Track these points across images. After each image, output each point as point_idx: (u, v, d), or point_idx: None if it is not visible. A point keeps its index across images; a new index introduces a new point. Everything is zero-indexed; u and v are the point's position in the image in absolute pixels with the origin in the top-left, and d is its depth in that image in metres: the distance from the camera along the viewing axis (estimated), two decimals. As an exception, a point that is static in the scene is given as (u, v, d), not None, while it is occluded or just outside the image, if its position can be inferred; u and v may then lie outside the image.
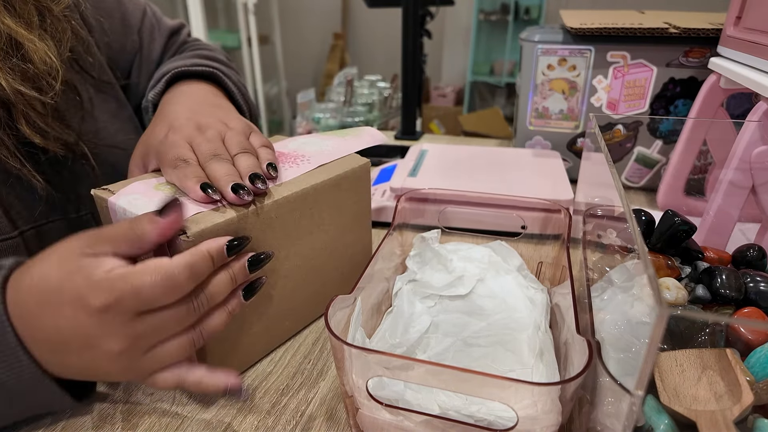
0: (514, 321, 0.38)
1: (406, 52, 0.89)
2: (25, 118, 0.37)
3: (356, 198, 0.41)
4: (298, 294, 0.39)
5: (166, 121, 0.39)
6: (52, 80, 0.38)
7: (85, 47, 0.46)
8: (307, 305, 0.41)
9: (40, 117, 0.38)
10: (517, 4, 3.08)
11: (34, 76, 0.37)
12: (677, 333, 0.28)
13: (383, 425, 0.29)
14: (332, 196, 0.39)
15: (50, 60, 0.38)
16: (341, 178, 0.39)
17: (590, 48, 0.64)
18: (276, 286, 0.36)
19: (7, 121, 0.36)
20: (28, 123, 0.37)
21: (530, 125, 0.72)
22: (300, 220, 0.36)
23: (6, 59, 0.36)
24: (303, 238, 0.37)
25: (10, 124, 0.37)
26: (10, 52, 0.36)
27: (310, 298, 0.41)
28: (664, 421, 0.23)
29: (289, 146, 0.42)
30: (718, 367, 0.25)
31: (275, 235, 0.35)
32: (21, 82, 0.36)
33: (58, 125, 0.40)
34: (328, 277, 0.42)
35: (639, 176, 0.68)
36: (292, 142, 0.43)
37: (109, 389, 0.35)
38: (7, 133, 0.37)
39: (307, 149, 0.41)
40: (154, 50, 0.56)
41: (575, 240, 0.39)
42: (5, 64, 0.35)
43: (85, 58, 0.46)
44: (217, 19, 3.04)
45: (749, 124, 0.41)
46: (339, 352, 0.27)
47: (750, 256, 0.36)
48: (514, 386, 0.23)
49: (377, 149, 0.86)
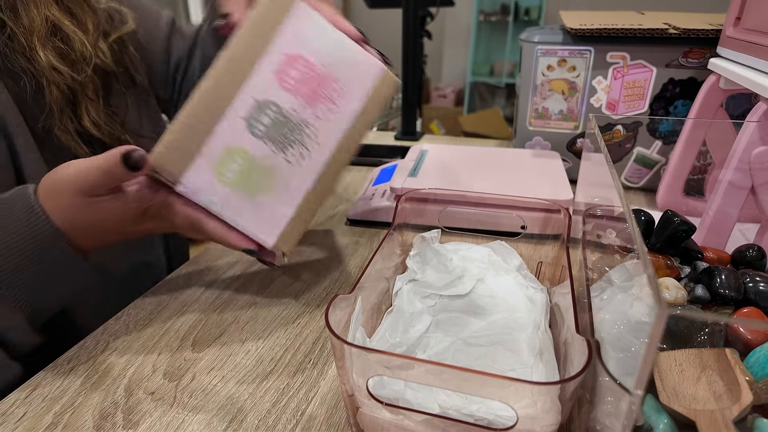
0: (514, 321, 0.38)
1: (406, 52, 0.89)
2: (86, 109, 0.46)
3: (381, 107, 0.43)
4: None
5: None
6: (86, 65, 0.45)
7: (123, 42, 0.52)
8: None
9: (93, 104, 0.47)
10: (517, 4, 3.08)
11: (70, 58, 0.44)
12: (677, 333, 0.28)
13: (383, 424, 0.29)
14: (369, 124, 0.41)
15: (86, 47, 0.45)
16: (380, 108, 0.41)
17: (590, 49, 0.64)
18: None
19: (72, 110, 0.45)
20: (88, 113, 0.46)
21: (530, 126, 0.72)
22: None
23: (48, 40, 0.43)
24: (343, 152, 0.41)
25: (73, 113, 0.45)
26: (52, 35, 0.43)
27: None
28: (663, 420, 0.23)
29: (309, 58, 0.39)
30: (718, 366, 0.25)
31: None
32: (58, 59, 0.43)
33: (106, 114, 0.48)
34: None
35: (638, 176, 0.68)
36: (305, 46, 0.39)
37: (110, 389, 0.36)
38: (71, 119, 0.45)
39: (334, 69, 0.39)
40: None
41: (575, 240, 0.39)
42: (48, 43, 0.43)
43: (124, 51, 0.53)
44: (217, 20, 3.04)
45: (749, 124, 0.41)
46: (339, 351, 0.27)
47: (749, 256, 0.36)
48: (514, 385, 0.23)
49: (377, 149, 0.86)
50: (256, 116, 0.37)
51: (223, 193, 0.36)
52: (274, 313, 0.44)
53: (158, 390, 0.35)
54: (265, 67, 0.37)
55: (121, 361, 0.38)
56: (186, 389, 0.35)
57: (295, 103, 0.38)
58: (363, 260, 0.52)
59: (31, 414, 0.33)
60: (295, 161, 0.38)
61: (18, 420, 0.33)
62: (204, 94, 0.35)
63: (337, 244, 0.56)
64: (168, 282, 0.49)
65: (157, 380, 0.36)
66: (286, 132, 0.38)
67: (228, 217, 0.37)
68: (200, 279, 0.49)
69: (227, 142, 0.36)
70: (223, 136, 0.36)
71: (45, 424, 0.33)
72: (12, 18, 0.41)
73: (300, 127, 0.38)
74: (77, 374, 0.37)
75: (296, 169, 0.39)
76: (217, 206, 0.36)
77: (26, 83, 0.42)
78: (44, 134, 0.44)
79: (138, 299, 0.46)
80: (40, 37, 0.42)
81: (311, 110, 0.38)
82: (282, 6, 0.37)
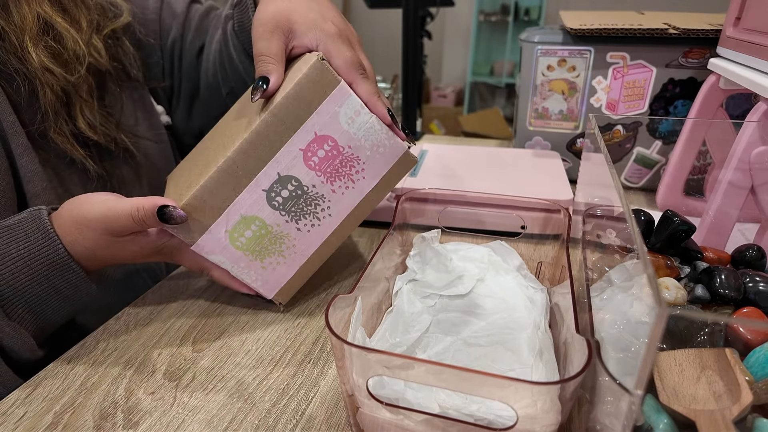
0: (514, 320, 0.38)
1: (406, 52, 0.89)
2: (81, 110, 0.45)
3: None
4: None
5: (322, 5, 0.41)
6: (79, 65, 0.44)
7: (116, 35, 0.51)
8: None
9: (87, 105, 0.46)
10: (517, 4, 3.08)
11: (63, 58, 0.44)
12: (676, 333, 0.28)
13: (383, 424, 0.29)
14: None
15: (79, 46, 0.44)
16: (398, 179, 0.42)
17: (590, 49, 0.64)
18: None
19: (66, 112, 0.44)
20: (83, 114, 0.45)
21: (530, 126, 0.72)
22: None
23: (40, 39, 0.42)
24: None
25: (68, 115, 0.45)
26: (44, 34, 0.42)
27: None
28: (663, 420, 0.23)
29: (340, 141, 0.38)
30: (718, 366, 0.25)
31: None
32: (51, 60, 0.42)
33: (101, 115, 0.48)
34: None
35: (638, 176, 0.68)
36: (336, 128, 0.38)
37: (110, 389, 0.36)
38: (66, 121, 0.44)
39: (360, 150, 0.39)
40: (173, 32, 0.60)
41: (575, 240, 0.39)
42: (39, 42, 0.42)
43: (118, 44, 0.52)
44: (217, 20, 3.04)
45: (748, 124, 0.41)
46: (339, 351, 0.27)
47: (749, 256, 0.36)
48: (514, 385, 0.23)
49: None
50: (277, 190, 0.38)
51: (234, 255, 0.39)
52: (274, 313, 0.44)
53: (158, 390, 0.35)
54: (294, 143, 0.37)
55: (121, 361, 0.38)
56: (186, 389, 0.35)
57: (316, 180, 0.39)
58: (363, 260, 0.52)
59: (31, 414, 0.33)
60: (306, 230, 0.40)
61: (18, 420, 0.33)
62: (229, 164, 0.36)
63: (337, 244, 0.56)
64: (168, 282, 0.49)
65: (157, 380, 0.36)
66: (302, 205, 0.39)
67: (235, 273, 0.40)
68: (200, 279, 0.49)
69: (245, 211, 0.38)
70: (243, 205, 0.37)
71: (45, 424, 0.33)
72: (3, 16, 0.40)
73: (316, 200, 0.39)
74: (77, 374, 0.37)
75: (305, 236, 0.41)
76: (226, 265, 0.39)
77: (20, 86, 0.41)
78: (40, 137, 0.43)
79: (138, 299, 0.46)
80: (32, 36, 0.41)
81: (329, 187, 0.39)
82: (324, 87, 0.36)
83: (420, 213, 0.46)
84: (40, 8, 0.42)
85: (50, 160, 0.45)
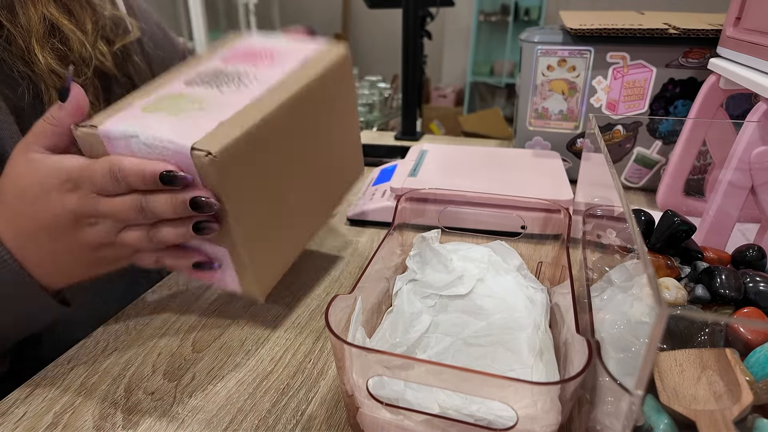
0: (514, 321, 0.38)
1: (406, 52, 0.89)
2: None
3: (343, 88, 0.41)
4: (314, 193, 0.41)
5: None
6: (85, 67, 0.44)
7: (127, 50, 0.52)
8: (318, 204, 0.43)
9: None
10: (517, 4, 3.08)
11: (69, 60, 0.43)
12: (677, 333, 0.28)
13: (383, 424, 0.29)
14: (324, 91, 0.38)
15: (85, 48, 0.44)
16: (329, 71, 0.38)
17: (590, 49, 0.64)
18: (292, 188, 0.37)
19: None
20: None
21: (530, 126, 0.72)
22: (302, 123, 0.36)
23: (47, 41, 0.41)
24: (307, 138, 0.38)
25: None
26: (50, 36, 0.42)
27: (324, 194, 0.43)
28: (663, 420, 0.23)
29: (254, 43, 0.41)
30: (718, 366, 0.25)
31: (282, 139, 0.35)
32: (57, 62, 0.42)
33: None
34: (333, 171, 0.43)
35: (638, 176, 0.68)
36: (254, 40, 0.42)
37: (110, 389, 0.36)
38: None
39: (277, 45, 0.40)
40: None
41: (575, 240, 0.39)
42: (46, 45, 0.41)
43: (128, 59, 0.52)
44: (218, 20, 3.05)
45: (749, 124, 0.41)
46: (339, 351, 0.27)
47: (749, 256, 0.36)
48: (514, 386, 0.23)
49: (378, 150, 0.86)
50: (194, 78, 0.36)
51: (144, 118, 0.32)
52: (274, 313, 0.44)
53: (158, 390, 0.35)
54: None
55: (121, 361, 0.38)
56: (186, 389, 0.35)
57: (232, 62, 0.38)
58: (363, 260, 0.52)
59: (31, 414, 0.33)
60: (230, 92, 0.35)
61: (18, 420, 0.33)
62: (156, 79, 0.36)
63: (337, 244, 0.56)
64: (168, 282, 0.49)
65: (157, 380, 0.36)
66: (222, 78, 0.36)
67: (145, 138, 0.30)
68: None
69: (159, 94, 0.34)
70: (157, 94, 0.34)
71: (45, 424, 0.33)
72: (9, 18, 0.40)
73: (237, 74, 0.37)
74: (77, 374, 0.37)
75: (230, 96, 0.34)
76: (137, 132, 0.30)
77: (24, 90, 0.41)
78: None
79: (138, 299, 0.46)
80: (39, 38, 0.41)
81: (250, 65, 0.38)
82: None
83: (420, 213, 0.46)
84: (46, 10, 0.42)
85: None
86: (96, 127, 0.31)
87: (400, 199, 0.44)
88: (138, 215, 0.32)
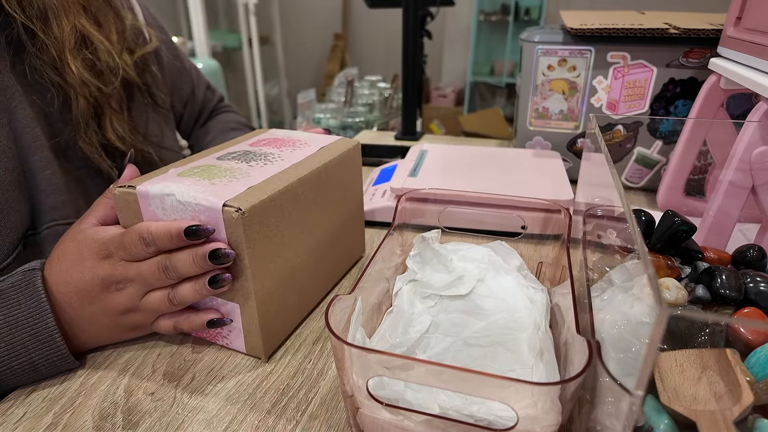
0: (514, 321, 0.38)
1: (406, 52, 0.89)
2: (110, 121, 0.46)
3: (352, 175, 0.47)
4: (320, 264, 0.43)
5: None
6: (113, 77, 0.46)
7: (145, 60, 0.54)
8: (328, 274, 0.46)
9: (117, 116, 0.47)
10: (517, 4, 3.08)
11: (97, 69, 0.45)
12: (677, 333, 0.28)
13: (383, 425, 0.29)
14: (337, 174, 0.43)
15: (112, 58, 0.46)
16: (342, 158, 0.43)
17: (590, 48, 0.64)
18: (304, 254, 0.40)
19: (97, 123, 0.45)
20: (112, 125, 0.46)
21: (530, 125, 0.72)
22: (316, 197, 0.40)
23: (79, 52, 0.43)
24: (320, 212, 0.41)
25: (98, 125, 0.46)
26: (82, 46, 0.44)
27: (329, 267, 0.45)
28: (663, 421, 0.23)
29: (278, 134, 0.48)
30: (718, 367, 0.25)
31: (300, 209, 0.38)
32: (88, 72, 0.43)
33: (130, 126, 0.49)
34: (339, 246, 0.47)
35: (639, 176, 0.68)
36: (277, 132, 0.49)
37: (110, 389, 0.35)
38: (96, 132, 0.45)
39: (298, 136, 0.47)
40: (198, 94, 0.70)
41: (575, 240, 0.39)
42: (78, 55, 0.43)
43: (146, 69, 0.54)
44: (218, 20, 3.05)
45: (749, 124, 0.41)
46: (339, 351, 0.27)
47: (750, 256, 0.36)
48: (514, 386, 0.23)
49: (377, 149, 0.86)
50: (225, 155, 0.41)
51: (180, 181, 0.35)
52: (274, 313, 0.44)
53: (158, 390, 0.35)
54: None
55: (121, 361, 0.38)
56: (186, 389, 0.35)
57: (259, 146, 0.43)
58: (363, 260, 0.52)
59: (31, 414, 0.33)
60: (257, 166, 0.39)
61: (18, 420, 0.33)
62: (189, 156, 0.41)
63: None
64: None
65: (157, 380, 0.36)
66: (251, 156, 0.41)
67: (180, 195, 0.33)
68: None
69: (193, 164, 0.39)
70: (192, 164, 0.39)
71: (45, 424, 0.33)
72: (42, 29, 0.40)
73: (263, 154, 0.41)
74: (77, 374, 0.37)
75: (257, 169, 0.38)
76: (173, 191, 0.33)
77: (53, 97, 0.41)
78: (65, 148, 0.44)
79: (138, 299, 0.46)
80: (71, 48, 0.42)
81: (275, 149, 0.43)
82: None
83: (420, 213, 0.46)
84: (78, 21, 0.43)
85: (75, 170, 0.45)
86: (134, 187, 0.34)
87: (400, 199, 0.44)
88: (162, 275, 0.34)
